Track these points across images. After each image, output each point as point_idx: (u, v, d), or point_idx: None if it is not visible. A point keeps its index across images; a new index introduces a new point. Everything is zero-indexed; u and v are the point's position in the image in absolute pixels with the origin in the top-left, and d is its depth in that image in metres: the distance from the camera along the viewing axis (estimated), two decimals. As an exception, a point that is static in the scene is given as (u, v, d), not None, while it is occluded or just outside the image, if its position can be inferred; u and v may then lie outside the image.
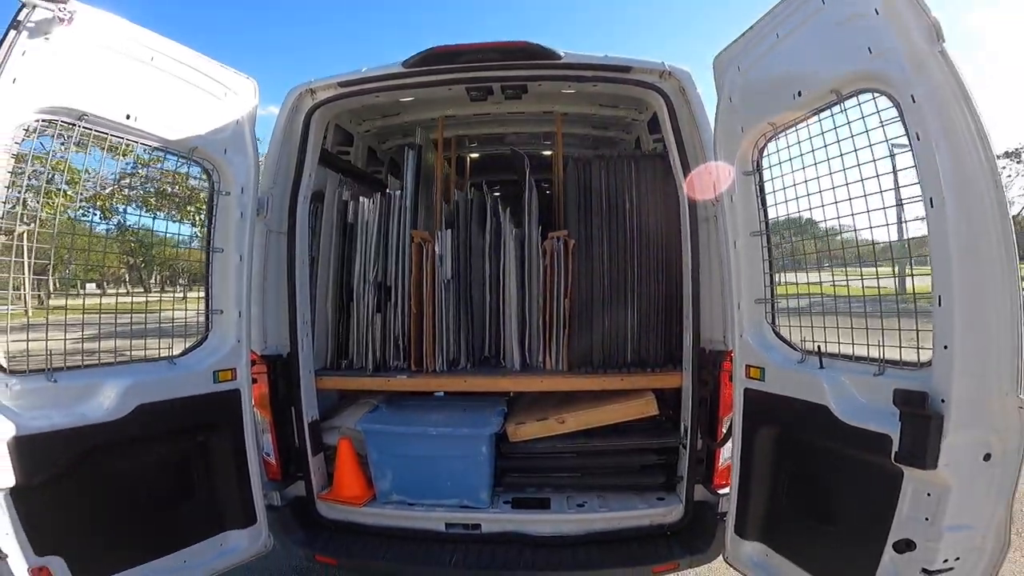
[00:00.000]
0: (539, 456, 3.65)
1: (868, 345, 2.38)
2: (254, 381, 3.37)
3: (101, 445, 2.68)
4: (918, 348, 2.15)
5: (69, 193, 4.03)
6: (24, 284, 3.16)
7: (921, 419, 1.92)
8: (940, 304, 1.96)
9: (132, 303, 3.90)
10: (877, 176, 2.25)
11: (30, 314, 2.83)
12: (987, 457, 1.95)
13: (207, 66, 3.04)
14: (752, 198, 2.91)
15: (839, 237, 2.69)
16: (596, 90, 3.81)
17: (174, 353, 3.13)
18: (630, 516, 3.44)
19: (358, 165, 4.84)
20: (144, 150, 2.92)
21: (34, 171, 2.65)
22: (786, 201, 2.74)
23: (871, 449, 2.20)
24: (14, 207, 2.51)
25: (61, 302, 3.15)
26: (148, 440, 2.91)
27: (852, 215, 2.39)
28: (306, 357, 3.69)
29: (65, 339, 2.81)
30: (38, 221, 2.69)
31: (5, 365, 2.43)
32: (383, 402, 4.00)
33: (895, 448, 2.04)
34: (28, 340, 2.53)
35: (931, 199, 1.94)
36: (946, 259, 1.93)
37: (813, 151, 2.55)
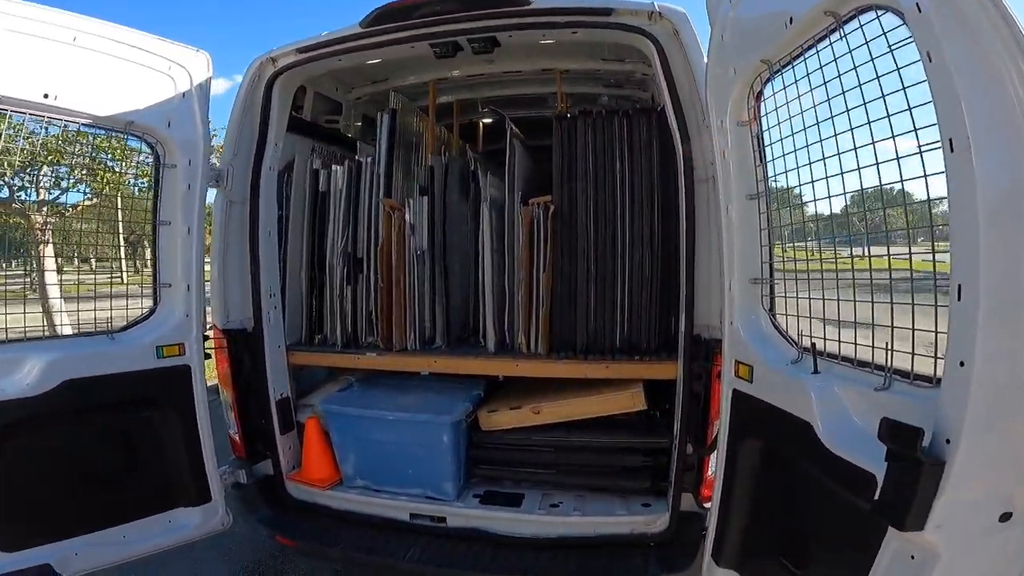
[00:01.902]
0: (513, 448, 3.21)
1: (873, 348, 1.74)
2: (207, 356, 3.13)
3: (22, 420, 2.56)
4: (935, 357, 1.50)
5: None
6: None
7: (909, 464, 1.31)
8: (959, 297, 1.32)
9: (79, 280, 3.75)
10: (889, 119, 1.58)
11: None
12: (1005, 517, 1.33)
13: (147, 42, 2.87)
14: (748, 153, 2.27)
15: (845, 202, 1.99)
16: (579, 39, 3.19)
17: (114, 328, 2.93)
18: (608, 522, 2.95)
19: (348, 135, 4.47)
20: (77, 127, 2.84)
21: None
22: (783, 156, 2.08)
23: (853, 487, 1.61)
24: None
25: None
26: (79, 415, 2.75)
27: (859, 170, 1.73)
28: (273, 332, 3.40)
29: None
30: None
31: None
32: (359, 380, 3.67)
33: (877, 493, 1.44)
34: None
35: (950, 140, 1.29)
36: (970, 228, 1.28)
37: (812, 92, 1.88)
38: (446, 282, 3.54)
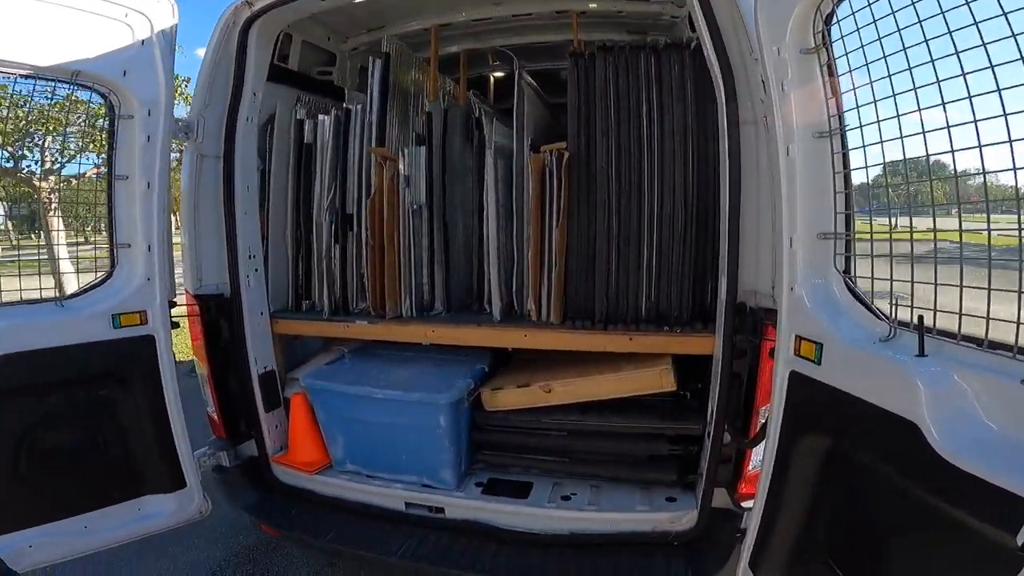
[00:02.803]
0: (520, 432, 2.73)
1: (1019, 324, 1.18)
2: (174, 326, 2.69)
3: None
4: None
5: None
6: None
7: None
8: None
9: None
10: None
11: None
12: None
13: None
14: (816, 85, 1.71)
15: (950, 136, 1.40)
16: None
17: (64, 294, 2.50)
18: (627, 519, 2.48)
19: (342, 87, 3.91)
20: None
21: None
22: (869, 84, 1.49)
23: (985, 513, 1.10)
24: None
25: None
26: (21, 394, 2.34)
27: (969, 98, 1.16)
28: (253, 297, 2.95)
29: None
30: None
31: None
32: (353, 351, 3.21)
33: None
34: None
35: None
36: None
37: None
38: (446, 240, 3.02)
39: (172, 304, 2.69)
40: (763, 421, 2.13)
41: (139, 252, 2.59)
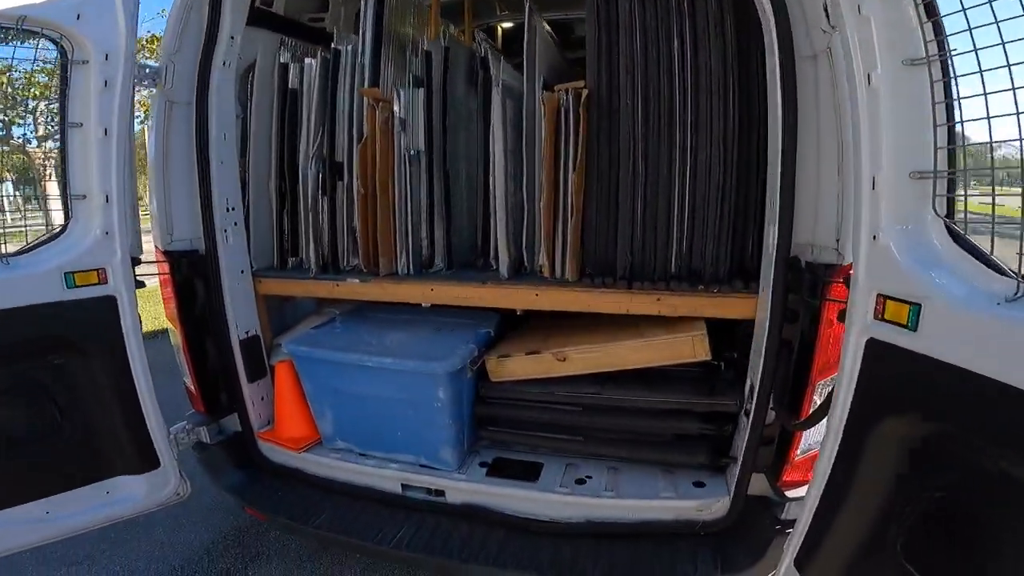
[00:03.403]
0: (529, 406, 2.37)
1: None
2: (139, 285, 2.35)
3: None
4: None
5: None
6: None
7: None
8: None
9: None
10: None
11: None
12: None
13: None
14: (904, 7, 1.29)
15: None
16: None
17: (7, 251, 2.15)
18: (649, 506, 2.15)
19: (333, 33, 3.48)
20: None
21: None
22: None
23: None
24: None
25: None
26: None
27: None
28: (232, 254, 2.60)
29: None
30: None
31: None
32: (345, 313, 2.86)
33: None
34: None
35: None
36: None
37: None
38: (447, 190, 2.62)
39: (136, 261, 2.35)
40: (823, 397, 1.76)
41: (95, 204, 2.23)
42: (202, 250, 2.54)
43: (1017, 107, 1.12)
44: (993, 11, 1.17)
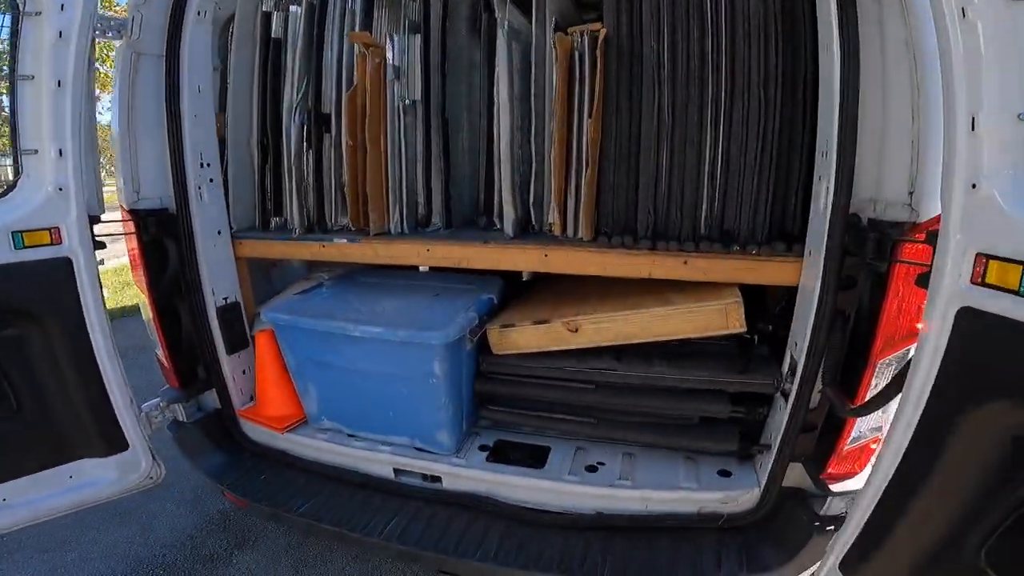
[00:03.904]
0: (537, 383, 2.09)
1: None
2: (99, 246, 2.07)
3: None
4: None
5: None
6: None
7: None
8: None
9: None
10: None
11: None
12: None
13: None
14: None
15: None
16: None
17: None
18: (666, 498, 1.88)
19: None
20: None
21: None
22: None
23: None
24: None
25: None
26: None
27: None
28: (208, 213, 2.31)
29: None
30: None
31: None
32: (334, 277, 2.58)
33: None
34: None
35: None
36: None
37: None
38: (446, 141, 2.32)
39: (95, 220, 2.07)
40: (887, 378, 1.47)
41: (47, 159, 1.94)
42: (173, 209, 2.27)
43: None
44: None
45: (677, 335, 1.82)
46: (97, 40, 2.11)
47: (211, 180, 2.34)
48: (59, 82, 1.95)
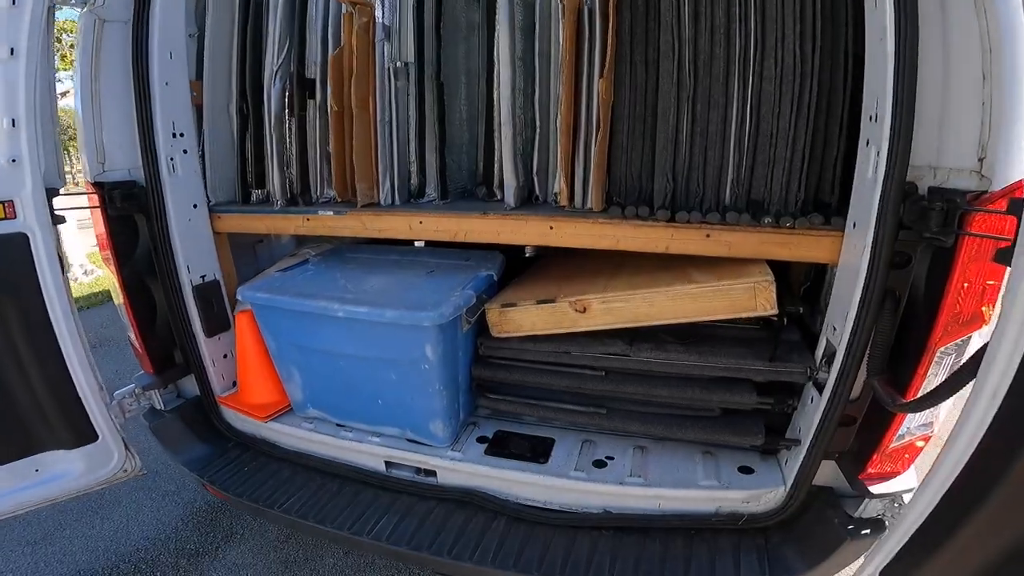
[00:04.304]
0: (540, 369, 1.88)
1: None
2: (59, 220, 1.86)
3: None
4: None
5: None
6: None
7: None
8: None
9: None
10: None
11: None
12: None
13: None
14: None
15: None
16: None
17: None
18: (682, 496, 1.68)
19: None
20: None
21: None
22: None
23: None
24: None
25: None
26: None
27: None
28: (182, 186, 2.10)
29: None
30: None
31: None
32: (324, 253, 2.36)
33: None
34: None
35: None
36: None
37: None
38: (441, 106, 2.09)
39: (54, 193, 1.86)
40: (939, 371, 1.26)
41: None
42: (142, 181, 2.05)
43: None
44: None
45: (698, 317, 1.60)
46: (57, 7, 1.91)
47: (185, 151, 2.12)
48: (12, 50, 1.75)
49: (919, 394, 1.29)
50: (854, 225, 1.41)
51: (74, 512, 2.81)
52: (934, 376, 1.27)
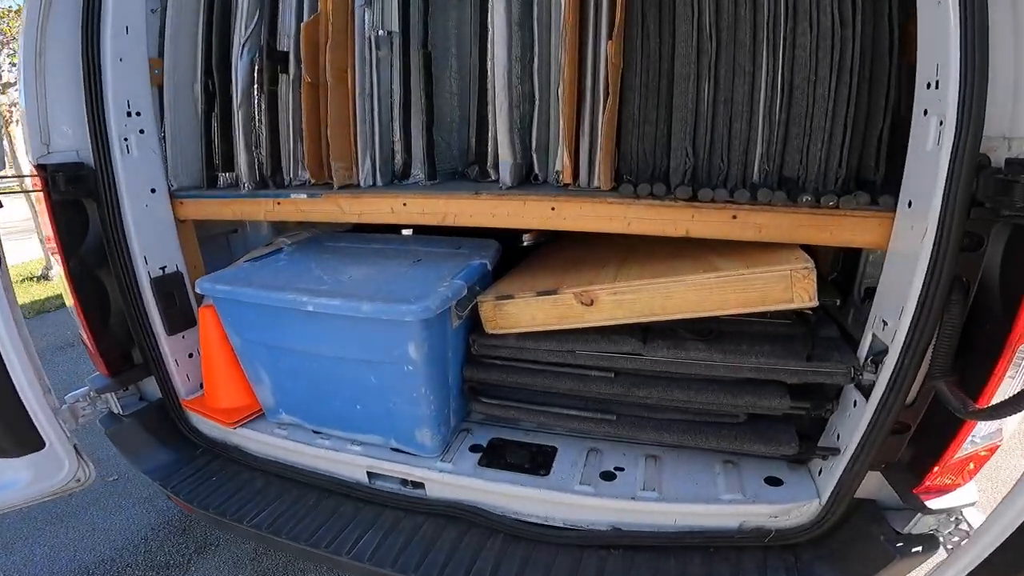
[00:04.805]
0: (541, 370, 1.63)
1: None
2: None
3: None
4: None
5: None
6: None
7: None
8: None
9: None
10: None
11: None
12: None
13: None
14: None
15: None
16: None
17: None
18: (702, 512, 1.45)
19: None
20: None
21: None
22: None
23: None
24: None
25: None
26: None
27: None
28: (137, 168, 1.84)
29: None
30: None
31: None
32: (300, 242, 2.09)
33: None
34: None
35: None
36: None
37: None
38: (428, 77, 1.83)
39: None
40: (1016, 372, 1.04)
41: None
42: (91, 163, 1.79)
43: None
44: None
45: (721, 311, 1.36)
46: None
47: (141, 131, 1.86)
48: None
49: (995, 399, 1.06)
50: (910, 204, 1.18)
51: (38, 520, 2.56)
52: (1012, 378, 1.05)
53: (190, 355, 2.02)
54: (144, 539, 2.45)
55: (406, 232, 2.23)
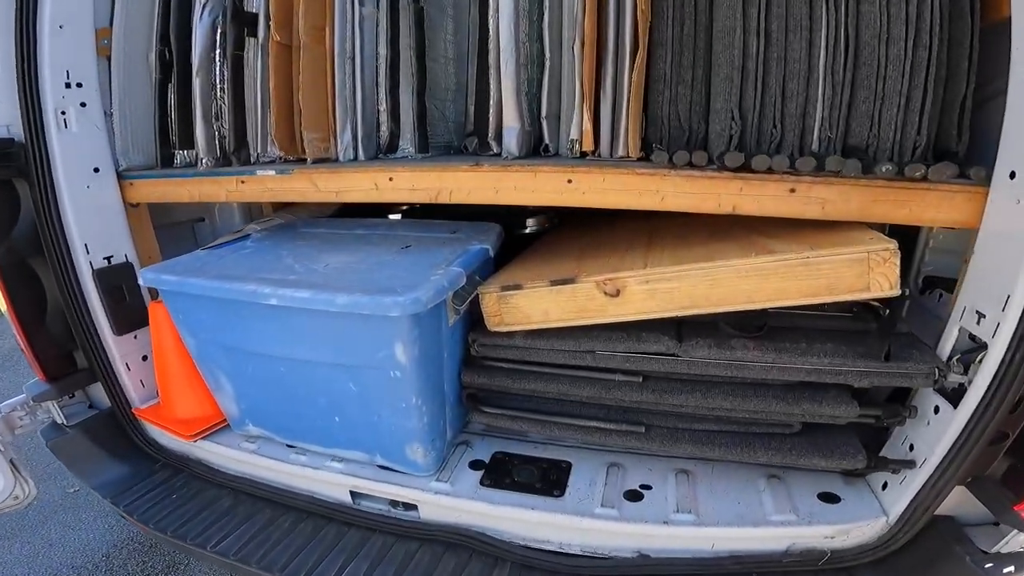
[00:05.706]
0: (552, 374, 1.33)
1: None
2: None
3: None
4: None
5: None
6: None
7: None
8: None
9: None
10: None
11: None
12: None
13: None
14: None
15: None
16: None
17: None
18: (746, 536, 1.16)
19: None
20: None
21: None
22: None
23: None
24: None
25: None
26: None
27: None
28: (77, 145, 1.51)
29: None
30: None
31: None
32: (273, 228, 1.75)
33: None
34: None
35: None
36: None
37: None
38: (420, 39, 1.52)
39: None
40: None
41: None
42: (22, 139, 1.45)
43: None
44: None
45: (777, 301, 1.07)
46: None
47: (83, 104, 1.52)
48: None
49: None
50: (1012, 175, 0.92)
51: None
52: None
53: (144, 358, 1.68)
54: (105, 556, 2.11)
55: (394, 217, 1.92)
